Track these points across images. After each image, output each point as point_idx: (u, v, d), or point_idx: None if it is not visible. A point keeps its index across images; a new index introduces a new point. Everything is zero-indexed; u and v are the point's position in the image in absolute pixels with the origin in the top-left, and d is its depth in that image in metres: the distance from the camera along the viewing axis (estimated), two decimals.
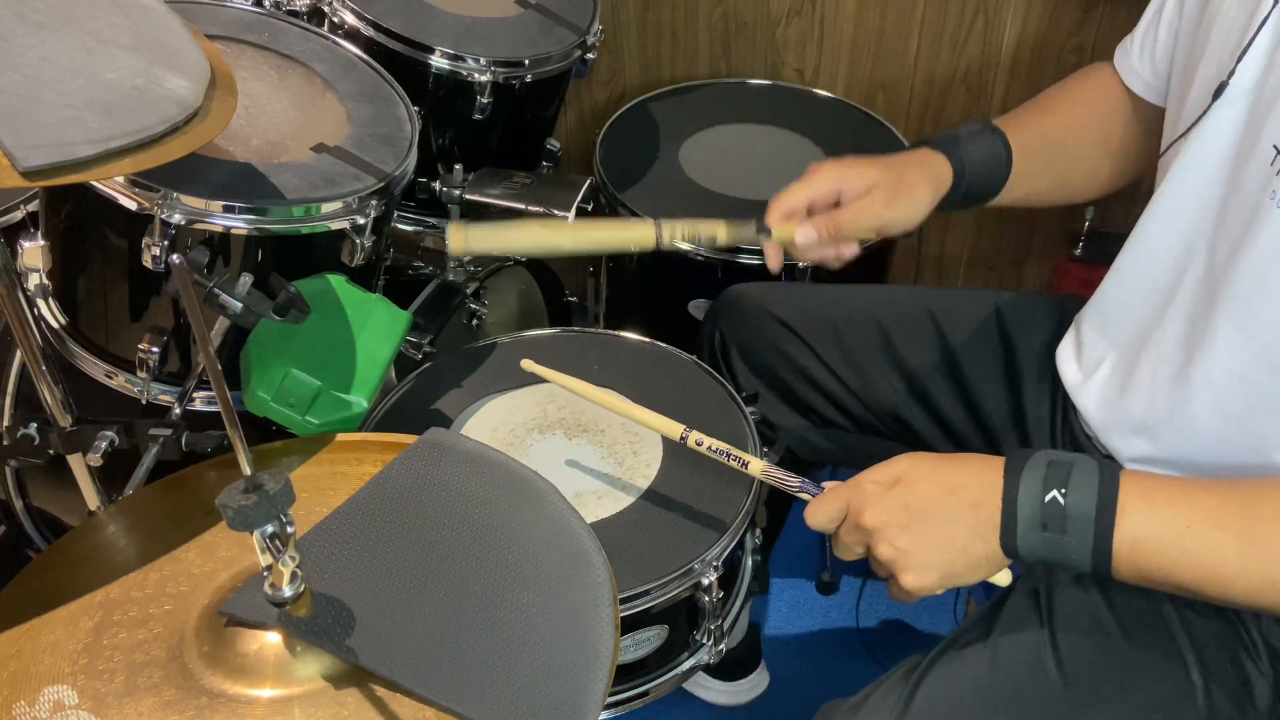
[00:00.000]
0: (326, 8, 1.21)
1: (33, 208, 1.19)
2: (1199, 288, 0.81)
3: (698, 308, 1.39)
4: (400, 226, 1.39)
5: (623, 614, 0.85)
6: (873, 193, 0.92)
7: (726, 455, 0.85)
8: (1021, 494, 0.72)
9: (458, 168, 1.29)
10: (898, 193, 0.93)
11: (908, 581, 0.74)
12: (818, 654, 1.54)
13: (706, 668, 0.97)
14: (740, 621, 1.42)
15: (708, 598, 0.91)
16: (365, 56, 1.17)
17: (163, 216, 0.91)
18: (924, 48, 1.62)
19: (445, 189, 1.29)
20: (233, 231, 0.94)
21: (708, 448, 0.86)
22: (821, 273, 1.34)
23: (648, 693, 0.96)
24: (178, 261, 0.49)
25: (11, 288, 0.84)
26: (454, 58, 1.23)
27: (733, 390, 1.05)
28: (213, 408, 1.05)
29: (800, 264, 1.31)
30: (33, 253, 1.00)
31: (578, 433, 1.02)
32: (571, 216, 1.26)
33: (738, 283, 1.27)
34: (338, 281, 0.96)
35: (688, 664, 0.97)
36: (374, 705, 0.61)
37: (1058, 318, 1.04)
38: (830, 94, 1.67)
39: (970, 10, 1.56)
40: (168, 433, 0.99)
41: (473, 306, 1.39)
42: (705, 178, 1.46)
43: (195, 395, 1.03)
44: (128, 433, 0.98)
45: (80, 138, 0.67)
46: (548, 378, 0.91)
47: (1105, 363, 0.91)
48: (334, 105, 1.09)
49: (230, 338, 0.98)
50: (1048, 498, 0.71)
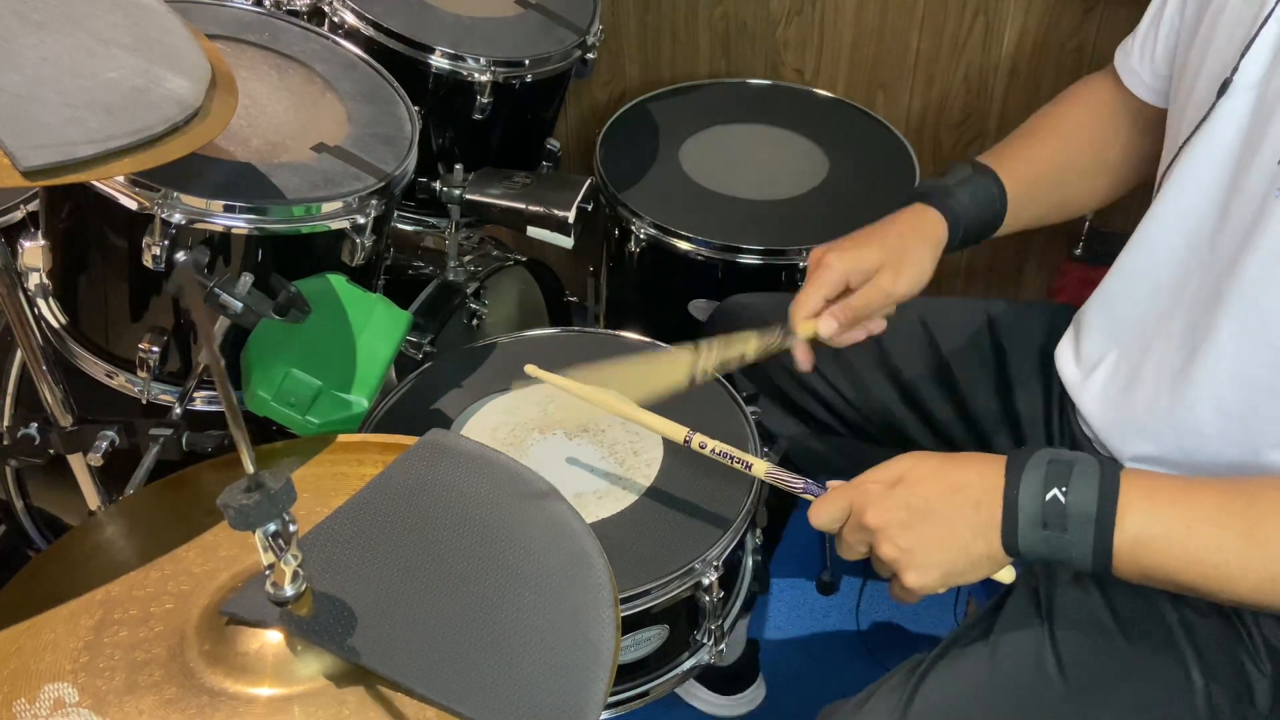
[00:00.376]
0: (326, 7, 1.21)
1: (33, 207, 1.19)
2: (1202, 286, 0.81)
3: (698, 308, 1.40)
4: (400, 226, 1.39)
5: (623, 614, 0.85)
6: (879, 273, 0.94)
7: (730, 458, 0.86)
8: (1022, 493, 0.72)
9: (458, 167, 1.29)
10: (901, 267, 0.94)
11: (910, 580, 0.74)
12: (817, 654, 1.54)
13: (704, 680, 0.97)
14: (739, 633, 1.42)
15: (708, 598, 0.91)
16: (365, 56, 1.17)
17: (163, 216, 0.91)
18: (924, 48, 1.62)
19: (445, 189, 1.29)
20: (233, 231, 0.94)
21: (711, 450, 0.86)
22: None
23: (648, 693, 0.96)
24: (179, 261, 0.49)
25: (12, 288, 0.84)
26: (454, 58, 1.23)
27: (733, 391, 1.06)
28: (213, 407, 1.05)
29: (800, 266, 1.32)
30: (33, 252, 1.00)
31: (578, 433, 1.02)
32: (572, 216, 1.26)
33: (737, 282, 1.27)
34: (338, 281, 0.96)
35: (688, 664, 0.97)
36: (375, 704, 0.61)
37: (1050, 325, 1.05)
38: (830, 94, 1.67)
39: (970, 10, 1.56)
40: (168, 433, 0.99)
41: (473, 306, 1.40)
42: (705, 178, 1.46)
43: (196, 395, 1.03)
44: (128, 433, 0.98)
45: (80, 137, 0.67)
46: (552, 383, 0.91)
47: (1107, 361, 0.91)
48: (334, 105, 1.09)
49: (231, 337, 0.98)
50: (1049, 496, 0.71)
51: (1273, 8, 0.77)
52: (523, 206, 1.27)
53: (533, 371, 0.92)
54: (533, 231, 1.28)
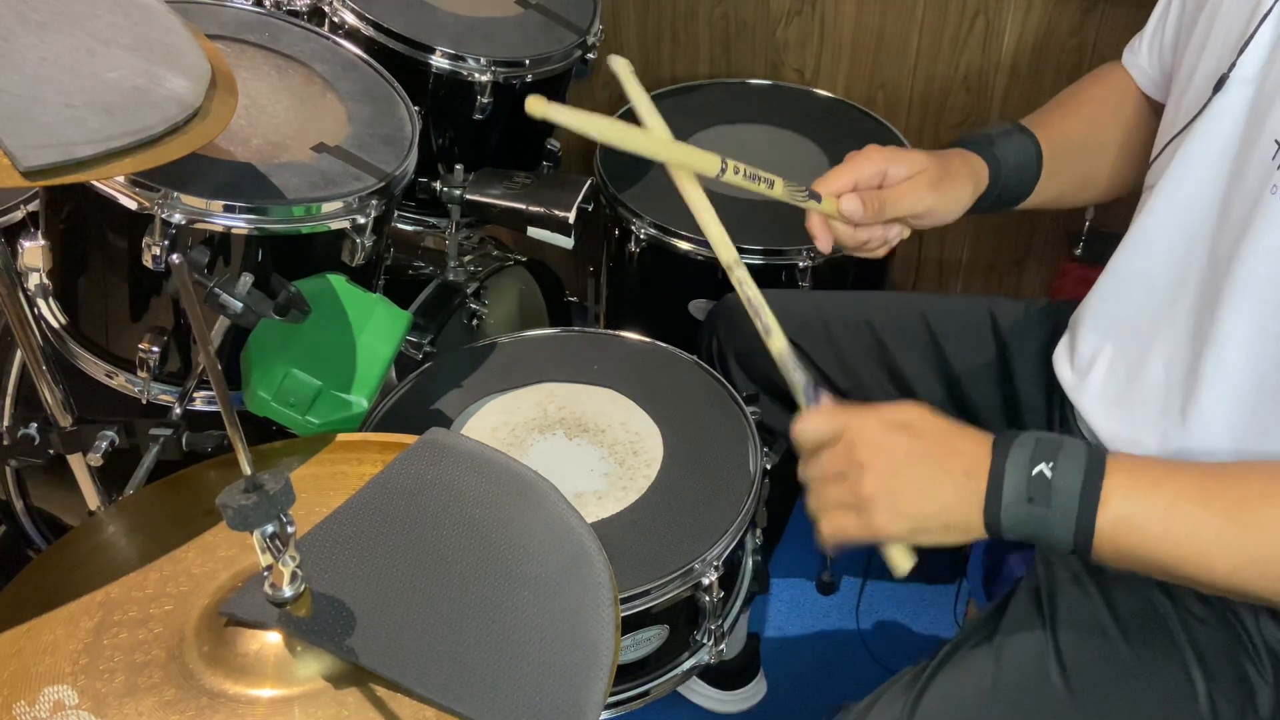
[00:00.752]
0: (327, 7, 1.21)
1: (33, 208, 1.19)
2: (1204, 283, 0.81)
3: (698, 308, 1.39)
4: (400, 226, 1.39)
5: (623, 614, 0.85)
6: (918, 177, 0.91)
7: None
8: (1009, 466, 0.72)
9: (458, 168, 1.29)
10: (941, 181, 0.92)
11: (879, 521, 0.73)
12: (817, 654, 1.54)
13: (705, 676, 0.96)
14: (739, 629, 1.42)
15: (708, 598, 0.91)
16: (365, 56, 1.17)
17: (163, 216, 0.91)
18: (924, 48, 1.62)
19: (445, 189, 1.29)
20: (233, 231, 0.94)
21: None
22: (820, 278, 1.34)
23: (648, 693, 0.96)
24: (178, 261, 0.49)
25: (12, 288, 0.84)
26: (454, 58, 1.23)
27: (733, 390, 1.05)
28: (213, 407, 1.05)
29: (811, 263, 1.32)
30: (33, 252, 1.00)
31: (578, 433, 1.02)
32: (572, 217, 1.26)
33: None
34: (338, 281, 0.96)
35: (688, 664, 0.97)
36: (374, 705, 0.61)
37: (1053, 323, 1.04)
38: (830, 94, 1.67)
39: (970, 10, 1.55)
40: (168, 433, 0.99)
41: (473, 306, 1.39)
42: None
43: (195, 395, 1.03)
44: (128, 433, 0.98)
45: (80, 138, 0.67)
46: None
47: (1104, 359, 0.90)
48: (334, 105, 1.09)
49: (230, 338, 0.98)
50: (1034, 471, 0.71)
51: (1271, 5, 0.77)
52: (523, 207, 1.27)
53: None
54: (533, 232, 1.28)
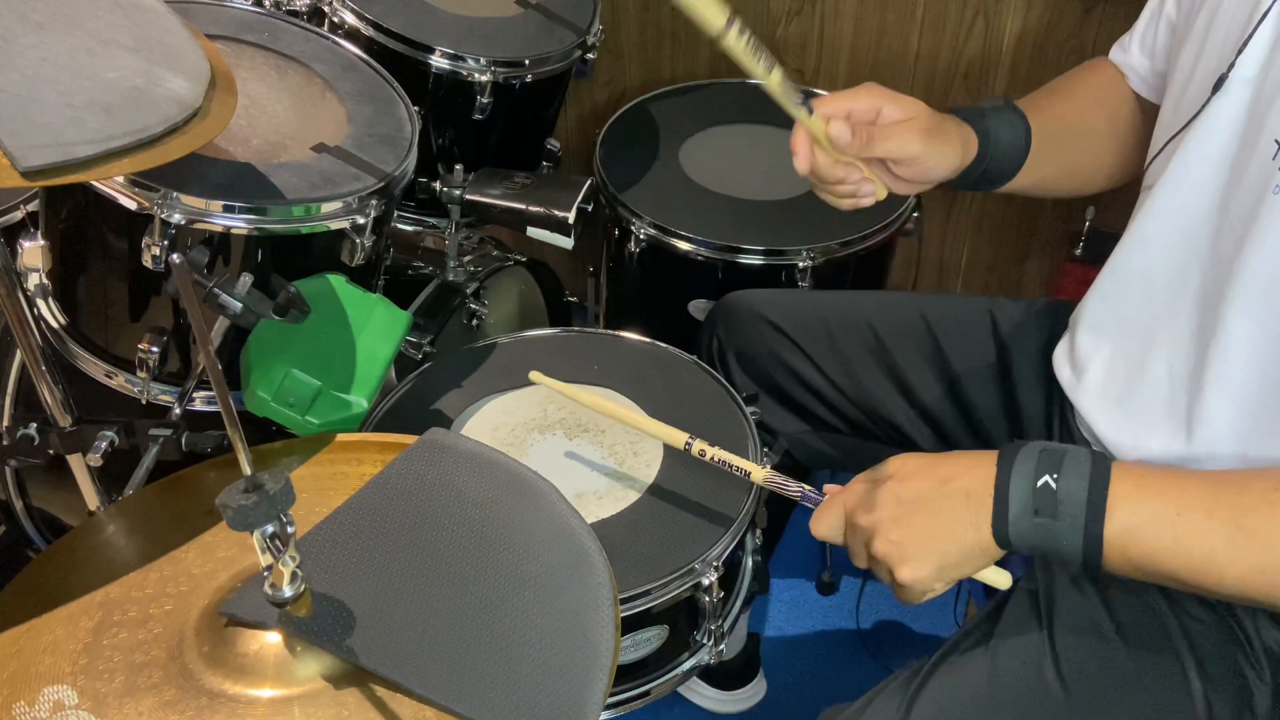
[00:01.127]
0: (326, 8, 1.21)
1: (33, 208, 1.19)
2: (1205, 283, 0.81)
3: (698, 308, 1.39)
4: (400, 226, 1.39)
5: (623, 614, 0.85)
6: (911, 121, 0.91)
7: (729, 466, 0.86)
8: (1014, 479, 0.72)
9: (458, 168, 1.29)
10: (934, 133, 0.92)
11: (904, 575, 0.74)
12: (817, 654, 1.54)
13: (705, 676, 0.97)
14: (739, 630, 1.42)
15: (708, 598, 0.91)
16: (365, 56, 1.17)
17: (163, 216, 0.91)
18: (924, 48, 1.62)
19: (445, 189, 1.29)
20: (233, 231, 0.94)
21: (711, 458, 0.86)
22: (820, 278, 1.34)
23: (648, 693, 0.96)
24: (178, 261, 0.49)
25: (11, 288, 0.84)
26: (454, 58, 1.23)
27: (733, 390, 1.05)
28: (213, 408, 1.05)
29: (811, 263, 1.32)
30: (33, 253, 1.00)
31: (578, 433, 1.02)
32: (572, 216, 1.26)
33: (737, 283, 1.27)
34: (338, 281, 0.96)
35: (688, 664, 0.97)
36: (374, 705, 0.61)
37: (1053, 323, 1.04)
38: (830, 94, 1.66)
39: (970, 10, 1.55)
40: (168, 433, 0.99)
41: (473, 306, 1.39)
42: (705, 178, 1.46)
43: (195, 395, 1.03)
44: (128, 433, 0.98)
45: (80, 138, 0.67)
46: (556, 390, 0.91)
47: (1102, 360, 0.90)
48: (334, 105, 1.09)
49: (230, 338, 0.98)
50: (1040, 483, 0.71)
51: (1269, 5, 0.77)
52: (523, 207, 1.27)
53: (537, 379, 0.92)
54: (533, 232, 1.28)
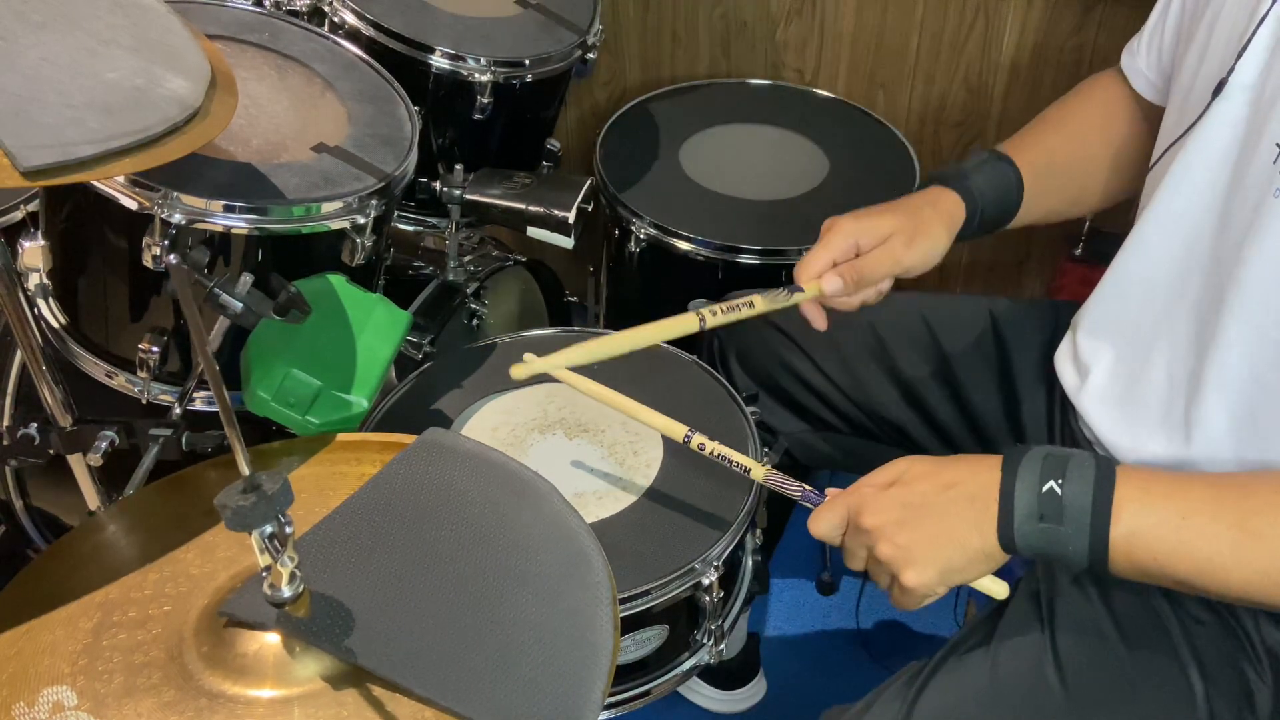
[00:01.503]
0: (326, 8, 1.21)
1: (33, 208, 1.19)
2: (1205, 287, 0.81)
3: (697, 308, 1.39)
4: (400, 226, 1.39)
5: (623, 614, 0.85)
6: (891, 239, 0.93)
7: (729, 461, 0.85)
8: (1019, 485, 0.72)
9: (458, 168, 1.29)
10: (914, 236, 0.94)
11: (909, 579, 0.74)
12: (817, 655, 1.54)
13: (705, 675, 0.97)
14: (739, 630, 1.42)
15: (708, 598, 0.91)
16: (365, 56, 1.17)
17: (163, 216, 0.91)
18: (924, 48, 1.62)
19: (445, 189, 1.29)
20: (233, 231, 0.94)
21: (710, 452, 0.86)
22: None
23: (648, 693, 0.96)
24: (178, 261, 0.49)
25: (11, 288, 0.84)
26: (454, 58, 1.23)
27: (733, 390, 1.05)
28: (213, 407, 1.05)
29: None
30: (33, 253, 1.00)
31: (578, 433, 1.02)
32: (572, 216, 1.26)
33: (737, 283, 1.27)
34: (338, 281, 0.96)
35: (688, 664, 0.97)
36: (373, 705, 0.61)
37: (1053, 323, 1.04)
38: (830, 94, 1.67)
39: (970, 11, 1.55)
40: (168, 433, 0.99)
41: (473, 306, 1.39)
42: (705, 178, 1.46)
43: (195, 395, 1.03)
44: (128, 433, 0.98)
45: (80, 138, 0.67)
46: (550, 372, 0.90)
47: (1105, 363, 0.91)
48: (334, 105, 1.09)
49: (230, 338, 0.98)
50: (1044, 488, 0.71)
51: (1268, 10, 0.77)
52: (523, 207, 1.27)
53: (530, 361, 0.91)
54: (533, 232, 1.28)
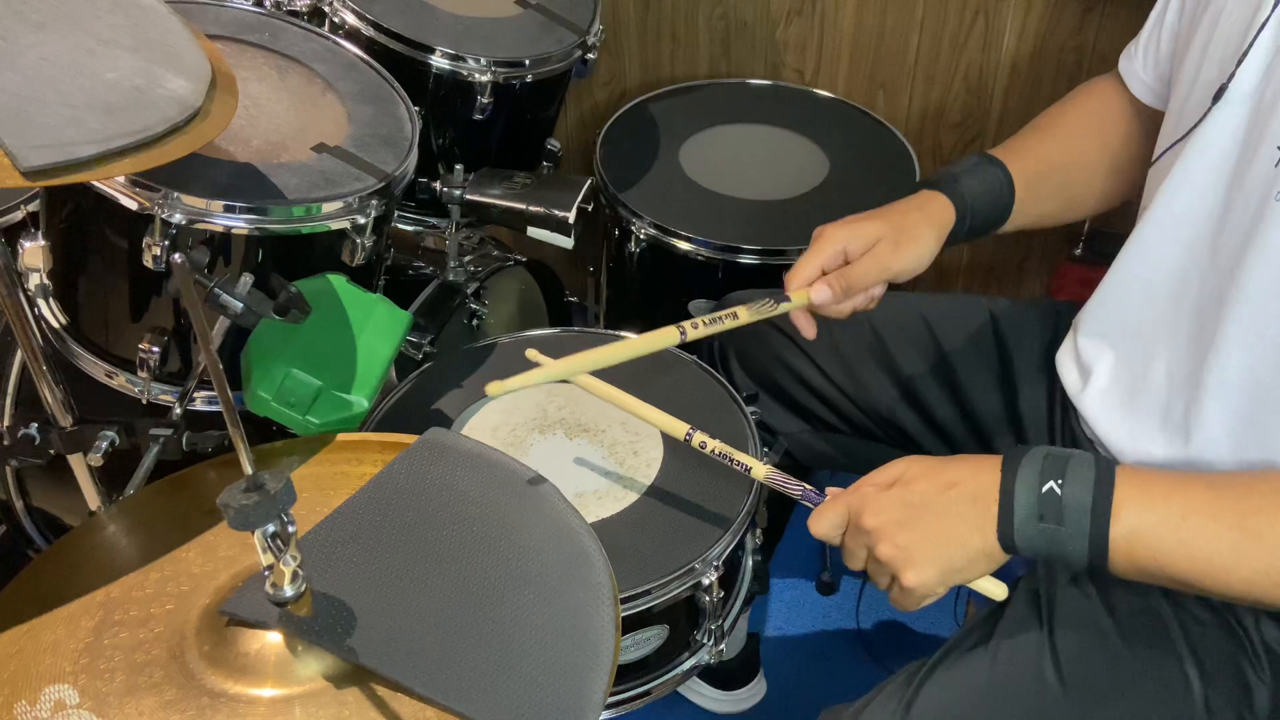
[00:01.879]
0: (327, 8, 1.21)
1: (33, 208, 1.19)
2: (1205, 289, 0.81)
3: (698, 308, 1.39)
4: (400, 226, 1.39)
5: (623, 614, 0.85)
6: (878, 245, 0.94)
7: (730, 459, 0.85)
8: (1019, 485, 0.73)
9: (458, 168, 1.29)
10: (901, 242, 0.94)
11: (909, 579, 0.74)
12: (817, 655, 1.54)
13: (705, 675, 0.96)
14: (739, 630, 1.42)
15: (708, 597, 0.91)
16: (365, 56, 1.17)
17: (163, 216, 0.91)
18: (924, 48, 1.62)
19: (445, 189, 1.29)
20: (233, 231, 0.94)
21: (711, 450, 0.86)
22: None
23: (649, 692, 0.96)
24: (179, 261, 0.49)
25: (12, 288, 0.84)
26: (454, 58, 1.23)
27: (733, 390, 1.05)
28: (213, 407, 1.05)
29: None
30: (33, 253, 1.00)
31: (578, 433, 1.02)
32: (572, 216, 1.26)
33: (736, 283, 1.27)
34: (338, 281, 0.96)
35: (688, 664, 0.97)
36: (375, 705, 0.61)
37: (1053, 323, 1.04)
38: (830, 94, 1.67)
39: (970, 11, 1.55)
40: (168, 432, 0.99)
41: (473, 306, 1.40)
42: (705, 178, 1.46)
43: (196, 395, 1.03)
44: (128, 433, 0.98)
45: (81, 138, 0.67)
46: (552, 369, 0.90)
47: (1105, 365, 0.91)
48: (334, 105, 1.09)
49: (231, 338, 0.98)
50: (1044, 489, 0.72)
51: (1268, 14, 0.77)
52: (523, 207, 1.28)
53: (533, 356, 0.91)
54: (533, 232, 1.28)
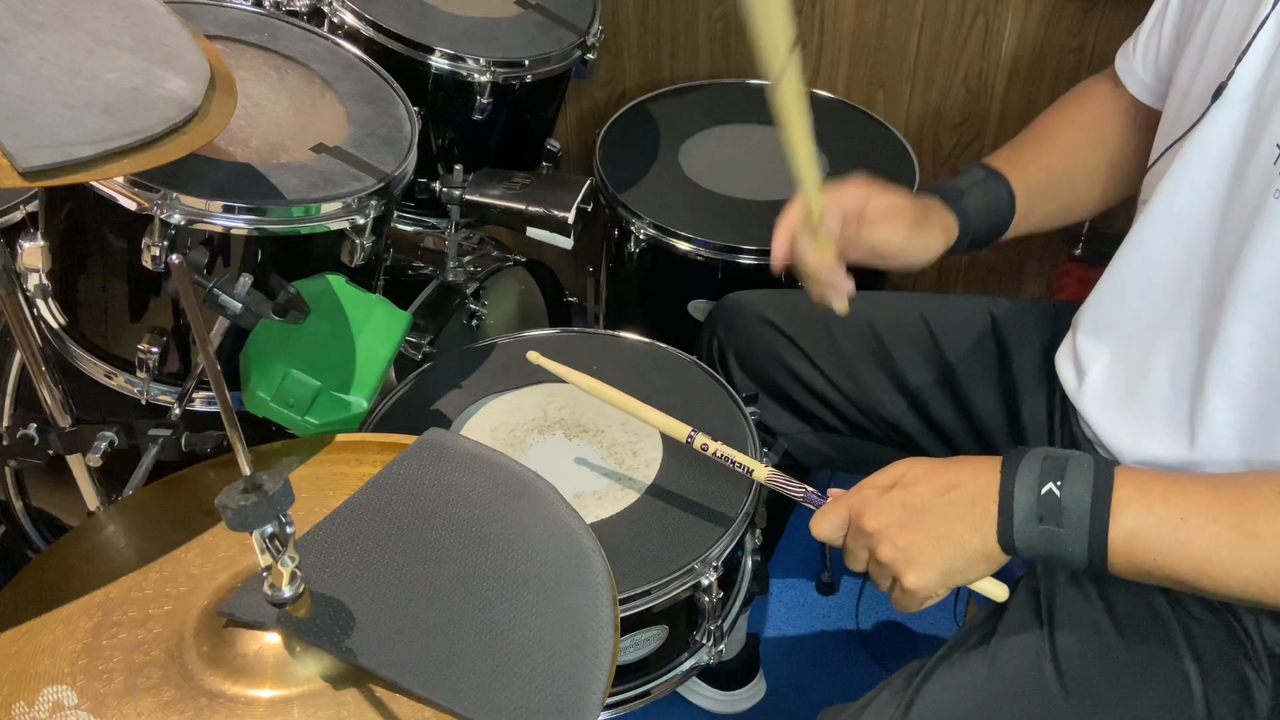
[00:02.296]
0: (326, 8, 1.21)
1: (33, 208, 1.19)
2: (1206, 288, 0.81)
3: (698, 308, 1.39)
4: (400, 227, 1.39)
5: (623, 614, 0.85)
6: (897, 216, 0.93)
7: (731, 462, 0.85)
8: (1018, 487, 0.73)
9: (458, 168, 1.29)
10: (920, 225, 0.94)
11: (910, 581, 0.74)
12: (817, 655, 1.54)
13: (704, 676, 0.96)
14: (739, 630, 1.42)
15: (708, 598, 0.91)
16: (365, 57, 1.17)
17: (163, 217, 0.91)
18: (924, 48, 1.62)
19: (445, 189, 1.29)
20: (232, 232, 0.94)
21: (713, 452, 0.86)
22: None
23: (648, 693, 0.96)
24: (177, 261, 0.49)
25: (11, 288, 0.84)
26: (454, 58, 1.23)
27: (732, 391, 1.05)
28: (212, 408, 1.05)
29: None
30: (33, 253, 1.00)
31: (578, 433, 1.02)
32: (572, 217, 1.26)
33: (737, 283, 1.27)
34: (338, 282, 0.96)
35: (688, 664, 0.97)
36: (373, 705, 0.61)
37: (1053, 324, 1.04)
38: (830, 94, 1.67)
39: (970, 10, 1.55)
40: (167, 433, 0.99)
41: (473, 307, 1.39)
42: (705, 178, 1.46)
43: (195, 395, 1.03)
44: (127, 433, 0.98)
45: (80, 138, 0.67)
46: (554, 371, 0.90)
47: (1103, 364, 0.91)
48: (334, 105, 1.09)
49: (230, 338, 0.98)
50: (1044, 490, 0.72)
51: (1268, 13, 0.77)
52: (522, 207, 1.27)
53: (535, 359, 0.91)
54: (533, 232, 1.28)
